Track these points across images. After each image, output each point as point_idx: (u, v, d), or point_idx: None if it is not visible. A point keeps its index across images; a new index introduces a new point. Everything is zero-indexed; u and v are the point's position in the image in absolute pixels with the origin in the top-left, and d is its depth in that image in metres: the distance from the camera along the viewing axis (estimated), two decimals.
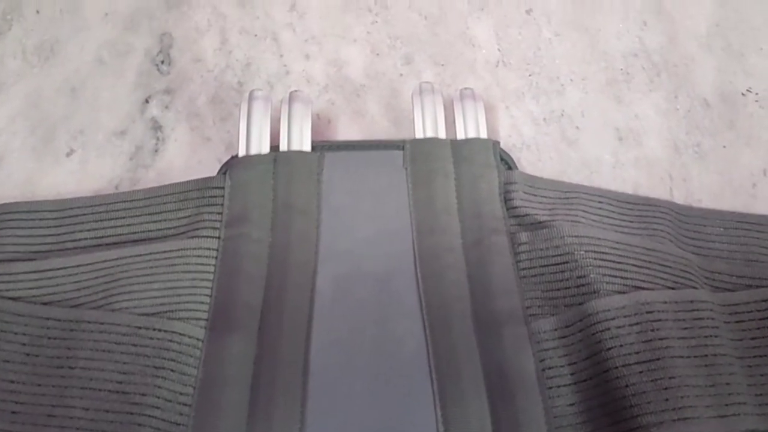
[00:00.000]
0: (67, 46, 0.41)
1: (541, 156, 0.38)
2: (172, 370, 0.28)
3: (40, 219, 0.33)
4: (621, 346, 0.27)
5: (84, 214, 0.33)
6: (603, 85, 0.41)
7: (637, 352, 0.27)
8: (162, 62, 0.41)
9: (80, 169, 0.37)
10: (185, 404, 0.28)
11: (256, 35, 0.42)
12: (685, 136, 0.39)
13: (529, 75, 0.42)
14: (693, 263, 0.32)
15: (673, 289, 0.30)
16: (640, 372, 0.27)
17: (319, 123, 0.39)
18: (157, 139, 0.38)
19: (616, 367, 0.27)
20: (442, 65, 0.42)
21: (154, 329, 0.29)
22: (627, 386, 0.27)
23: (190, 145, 0.38)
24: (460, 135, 0.36)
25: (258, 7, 0.43)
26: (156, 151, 0.38)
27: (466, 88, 0.37)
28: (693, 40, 0.43)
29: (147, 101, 0.39)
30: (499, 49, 0.42)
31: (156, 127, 0.38)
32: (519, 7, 0.44)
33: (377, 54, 0.42)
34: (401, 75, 0.41)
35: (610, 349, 0.28)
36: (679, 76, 0.42)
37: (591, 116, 0.40)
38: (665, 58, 0.42)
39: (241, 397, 0.28)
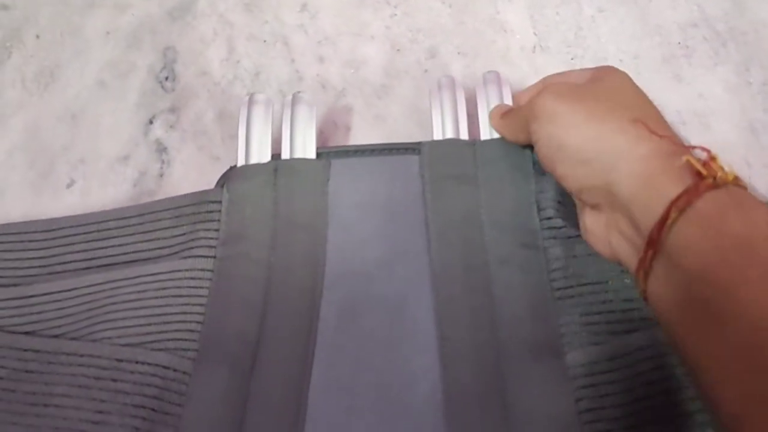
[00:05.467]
0: (68, 70, 0.38)
1: None
2: (153, 410, 0.25)
3: (29, 241, 0.30)
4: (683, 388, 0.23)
5: (74, 234, 0.30)
6: (659, 63, 0.36)
7: None
8: (166, 78, 0.38)
9: (81, 201, 0.34)
10: None
11: (265, 41, 0.39)
12: (762, 115, 0.34)
13: (572, 59, 0.36)
14: None
15: None
16: None
17: (336, 131, 0.35)
18: (162, 162, 0.35)
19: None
20: (471, 56, 0.37)
21: (137, 362, 0.26)
22: None
23: (197, 166, 0.35)
24: (485, 135, 0.31)
25: (266, 11, 0.40)
26: (161, 175, 0.34)
27: (489, 72, 0.32)
28: (764, 2, 0.37)
29: (151, 122, 0.36)
30: (535, 33, 0.38)
31: (161, 149, 0.35)
32: None
33: (398, 50, 0.38)
34: (426, 71, 0.37)
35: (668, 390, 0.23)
36: (750, 45, 0.36)
37: None
38: (731, 26, 0.37)
39: None
